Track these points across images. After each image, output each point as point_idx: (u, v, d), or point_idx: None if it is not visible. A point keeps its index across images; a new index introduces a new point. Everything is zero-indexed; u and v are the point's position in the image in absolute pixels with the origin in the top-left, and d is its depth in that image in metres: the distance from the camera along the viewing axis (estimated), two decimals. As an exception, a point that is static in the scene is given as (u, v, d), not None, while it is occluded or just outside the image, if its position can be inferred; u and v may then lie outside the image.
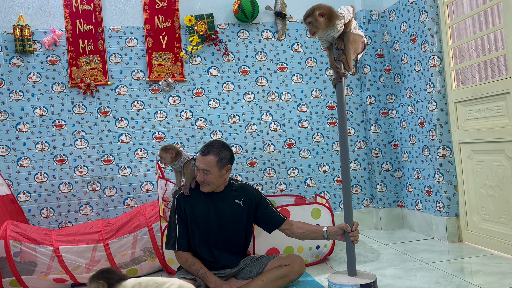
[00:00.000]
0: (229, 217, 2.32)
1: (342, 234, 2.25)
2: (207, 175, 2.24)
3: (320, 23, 2.14)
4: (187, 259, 2.25)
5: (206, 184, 2.27)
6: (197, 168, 2.26)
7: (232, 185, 2.41)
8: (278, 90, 3.72)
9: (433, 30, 3.15)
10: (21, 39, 3.28)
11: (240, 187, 2.43)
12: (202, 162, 2.23)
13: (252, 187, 2.48)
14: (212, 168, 2.23)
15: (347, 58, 2.23)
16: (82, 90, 3.40)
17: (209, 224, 2.30)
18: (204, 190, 2.29)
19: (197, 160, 2.28)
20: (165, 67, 3.52)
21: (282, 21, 3.71)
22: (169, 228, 2.34)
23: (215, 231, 2.31)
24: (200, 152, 2.28)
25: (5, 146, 3.31)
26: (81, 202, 3.39)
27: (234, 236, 2.36)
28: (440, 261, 2.70)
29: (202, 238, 2.30)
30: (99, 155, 3.44)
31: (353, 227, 2.22)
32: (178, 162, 2.47)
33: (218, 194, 2.36)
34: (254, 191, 2.44)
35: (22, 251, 2.64)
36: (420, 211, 3.43)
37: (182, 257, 2.27)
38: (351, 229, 2.22)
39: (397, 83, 3.66)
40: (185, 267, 2.26)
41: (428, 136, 3.24)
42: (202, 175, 2.25)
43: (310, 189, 3.72)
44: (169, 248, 2.30)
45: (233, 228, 2.34)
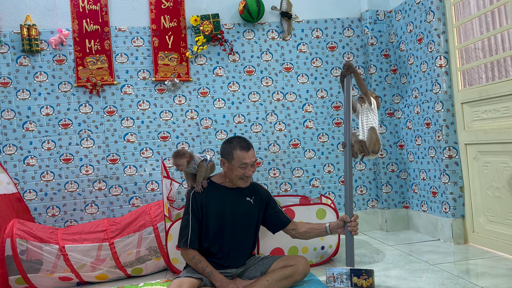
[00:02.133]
0: (241, 214, 2.35)
1: (343, 227, 2.31)
2: (254, 167, 2.32)
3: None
4: (193, 256, 2.24)
5: (250, 177, 2.33)
6: (247, 165, 2.27)
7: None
8: (284, 90, 3.72)
9: (440, 30, 3.14)
10: (28, 38, 3.31)
11: (252, 185, 2.46)
12: (252, 156, 2.28)
13: (262, 187, 2.52)
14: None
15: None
16: (88, 89, 3.42)
17: (222, 220, 2.31)
18: (247, 184, 2.33)
19: (243, 157, 2.25)
20: (171, 67, 3.53)
21: (287, 21, 3.71)
22: (182, 226, 2.31)
23: (228, 228, 2.31)
24: (243, 148, 2.27)
25: (12, 145, 3.33)
26: (87, 201, 3.41)
27: (244, 233, 2.37)
28: (446, 262, 2.69)
29: (215, 234, 2.30)
30: (105, 154, 3.45)
31: (352, 218, 2.29)
32: (192, 164, 2.48)
33: (232, 191, 2.37)
34: (264, 190, 2.49)
35: (28, 249, 2.65)
36: (425, 212, 3.42)
37: (189, 254, 2.25)
38: (350, 220, 2.28)
39: (403, 83, 3.65)
40: (191, 265, 2.26)
41: (434, 137, 3.22)
42: (252, 169, 2.31)
43: (315, 189, 3.71)
44: (181, 245, 2.26)
45: (244, 226, 2.35)
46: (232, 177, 2.32)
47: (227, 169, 2.32)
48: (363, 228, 3.73)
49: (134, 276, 2.84)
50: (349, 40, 3.80)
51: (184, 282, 2.08)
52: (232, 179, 2.33)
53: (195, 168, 2.47)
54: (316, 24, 3.77)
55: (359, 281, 2.20)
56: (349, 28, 3.80)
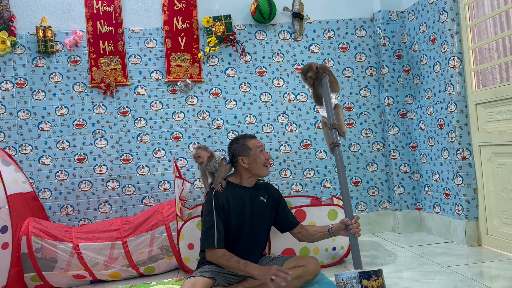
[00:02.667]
0: (258, 213, 2.36)
1: (345, 229, 2.26)
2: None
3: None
4: (224, 254, 2.19)
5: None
6: (263, 148, 2.39)
7: (257, 183, 2.46)
8: (295, 91, 3.72)
9: (453, 30, 3.11)
10: (44, 40, 3.36)
11: (264, 185, 2.49)
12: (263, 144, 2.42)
13: (274, 186, 2.55)
14: None
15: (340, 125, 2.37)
16: (102, 90, 3.46)
17: (242, 220, 2.32)
18: (269, 171, 2.41)
19: (257, 142, 2.38)
20: (183, 68, 3.56)
21: (299, 21, 3.71)
22: (207, 227, 2.24)
23: (246, 228, 2.32)
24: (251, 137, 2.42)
25: (28, 144, 3.39)
26: (100, 200, 3.45)
27: (260, 233, 2.38)
28: (459, 265, 2.66)
29: (234, 234, 2.30)
30: (118, 154, 3.49)
31: (353, 220, 2.21)
32: (213, 162, 2.45)
33: (249, 190, 2.39)
34: (276, 190, 2.52)
35: (43, 247, 2.70)
36: (438, 214, 3.39)
37: (218, 253, 2.18)
38: (351, 222, 2.21)
39: (416, 84, 3.62)
40: (221, 262, 2.18)
41: (448, 138, 3.20)
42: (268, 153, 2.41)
43: (326, 190, 3.70)
44: (208, 246, 2.20)
45: (260, 225, 2.37)
46: (257, 168, 2.34)
47: (249, 163, 2.34)
48: (374, 230, 3.71)
49: (146, 275, 2.87)
50: (361, 41, 3.79)
51: (198, 282, 2.08)
52: (257, 171, 2.35)
53: (215, 166, 2.44)
54: (328, 24, 3.77)
55: (369, 283, 2.17)
56: (361, 28, 3.79)
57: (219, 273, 2.23)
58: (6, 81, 3.38)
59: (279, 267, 2.13)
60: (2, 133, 3.36)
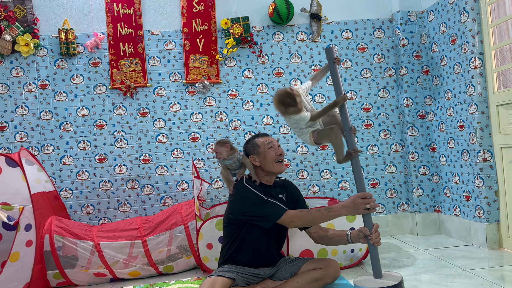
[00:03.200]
0: None
1: (364, 237, 2.18)
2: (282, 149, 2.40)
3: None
4: (300, 210, 2.20)
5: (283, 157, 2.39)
6: (274, 144, 2.37)
7: (275, 181, 2.47)
8: (312, 92, 3.72)
9: (474, 31, 3.07)
10: (66, 42, 3.43)
11: (282, 182, 2.50)
12: (273, 139, 2.42)
13: (292, 183, 2.54)
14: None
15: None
16: (122, 91, 3.52)
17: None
18: (283, 167, 2.38)
19: (266, 140, 2.39)
20: (202, 69, 3.59)
21: (317, 22, 3.71)
22: (262, 205, 2.21)
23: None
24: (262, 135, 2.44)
25: (50, 144, 3.47)
26: (120, 200, 3.51)
27: (280, 229, 2.38)
28: (480, 268, 2.63)
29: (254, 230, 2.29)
30: (138, 154, 3.54)
31: (372, 230, 2.13)
32: (235, 156, 2.42)
33: (269, 187, 2.40)
34: (294, 186, 2.52)
35: (64, 245, 2.76)
36: (458, 217, 3.35)
37: (292, 214, 2.19)
38: (370, 232, 2.13)
39: (435, 85, 3.59)
40: (301, 218, 2.18)
41: (468, 140, 3.16)
42: (280, 150, 2.39)
43: (343, 191, 3.69)
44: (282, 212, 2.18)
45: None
46: (268, 165, 2.34)
47: (260, 161, 2.35)
48: (393, 232, 3.68)
49: (165, 274, 2.91)
50: (379, 41, 3.77)
51: (217, 282, 2.09)
52: (270, 168, 2.35)
53: (239, 160, 2.41)
54: (346, 25, 3.76)
55: None
56: (380, 29, 3.77)
57: (239, 273, 2.24)
58: (30, 83, 3.46)
59: (361, 194, 2.10)
60: (26, 133, 3.44)
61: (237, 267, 2.27)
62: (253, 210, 2.24)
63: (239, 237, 2.31)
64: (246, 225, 2.29)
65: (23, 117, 3.44)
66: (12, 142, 3.43)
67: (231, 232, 2.34)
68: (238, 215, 2.29)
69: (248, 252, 2.30)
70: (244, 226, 2.30)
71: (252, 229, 2.28)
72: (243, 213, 2.27)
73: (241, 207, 2.28)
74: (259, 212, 2.23)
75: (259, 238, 2.30)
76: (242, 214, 2.28)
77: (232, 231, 2.34)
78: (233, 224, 2.33)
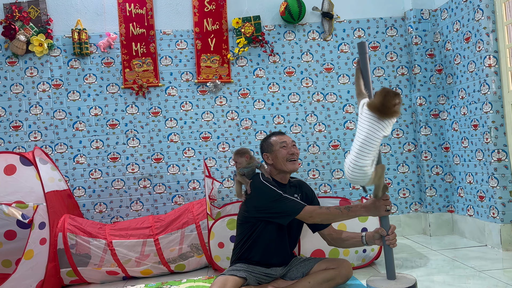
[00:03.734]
0: None
1: (380, 238, 2.17)
2: (296, 148, 2.41)
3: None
4: (319, 207, 2.19)
5: (297, 158, 2.39)
6: (287, 144, 2.38)
7: (290, 181, 2.47)
8: (324, 91, 3.70)
9: (489, 29, 3.03)
10: (79, 42, 3.47)
11: (297, 182, 2.50)
12: (288, 138, 2.43)
13: (307, 184, 2.54)
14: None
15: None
16: (134, 91, 3.54)
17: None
18: (296, 166, 2.38)
19: (280, 139, 2.40)
20: (213, 68, 3.60)
21: (329, 21, 3.69)
22: (281, 201, 2.21)
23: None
24: (277, 134, 2.46)
25: (63, 144, 3.51)
26: (132, 198, 3.53)
27: (294, 229, 2.38)
28: (494, 269, 2.59)
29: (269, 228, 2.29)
30: (150, 153, 3.56)
31: (389, 231, 2.12)
32: (254, 165, 2.40)
33: (284, 186, 2.40)
34: (309, 188, 2.52)
35: (77, 243, 2.78)
36: (472, 217, 3.30)
37: (311, 209, 2.18)
38: (387, 233, 2.12)
39: (449, 84, 3.54)
40: (320, 215, 2.17)
41: (482, 139, 3.11)
42: (295, 150, 2.39)
43: (355, 191, 3.67)
44: (301, 208, 2.17)
45: (293, 222, 2.33)
46: (279, 163, 2.35)
47: (273, 159, 2.37)
48: (405, 232, 3.65)
49: (177, 272, 2.92)
50: (392, 40, 3.73)
51: (228, 281, 2.09)
52: (281, 167, 2.35)
53: (257, 167, 2.40)
54: (358, 24, 3.73)
55: None
56: (392, 27, 3.74)
57: (251, 273, 2.24)
58: (43, 82, 3.50)
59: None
60: (39, 132, 3.48)
61: (249, 266, 2.27)
62: (272, 206, 2.23)
63: (253, 236, 2.30)
64: (261, 223, 2.28)
65: (37, 117, 3.49)
66: (26, 141, 3.47)
67: (245, 230, 2.33)
68: (255, 213, 2.29)
69: (262, 250, 2.29)
70: (259, 224, 2.29)
71: (266, 227, 2.28)
72: (261, 209, 2.26)
73: (259, 203, 2.27)
74: (277, 208, 2.22)
75: (273, 237, 2.29)
76: (259, 211, 2.27)
77: (246, 229, 2.33)
78: (248, 223, 2.33)
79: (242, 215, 2.38)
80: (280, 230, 2.30)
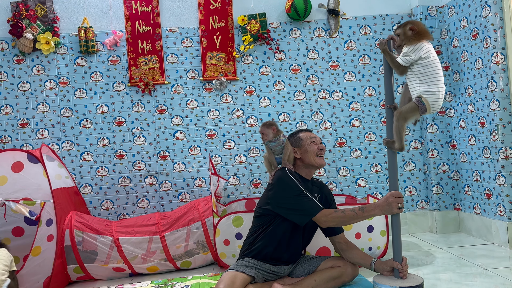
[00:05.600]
0: None
1: (391, 270, 2.18)
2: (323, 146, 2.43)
3: (406, 37, 2.11)
4: (335, 210, 2.18)
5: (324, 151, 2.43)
6: (316, 140, 2.41)
7: (313, 180, 2.48)
8: (330, 88, 3.69)
9: (497, 25, 3.00)
10: (85, 40, 3.48)
11: (320, 183, 2.50)
12: (316, 136, 2.45)
13: (328, 187, 2.54)
14: None
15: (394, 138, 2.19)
16: (140, 88, 3.55)
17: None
18: (323, 161, 2.41)
19: (309, 135, 2.42)
20: (218, 66, 3.60)
21: (335, 18, 3.68)
22: (301, 198, 2.21)
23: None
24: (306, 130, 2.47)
25: (70, 141, 3.53)
26: (139, 195, 3.55)
27: (308, 231, 2.38)
28: (501, 267, 2.57)
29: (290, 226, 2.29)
30: (156, 151, 3.58)
31: (402, 263, 2.15)
32: (280, 139, 2.43)
33: (308, 182, 2.40)
34: (330, 192, 2.51)
35: (84, 240, 2.80)
36: (478, 215, 3.28)
37: (327, 213, 2.18)
38: (401, 266, 2.14)
39: (456, 81, 3.52)
40: (335, 218, 2.16)
41: (489, 137, 3.09)
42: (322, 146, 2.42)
43: (361, 189, 3.66)
44: (318, 210, 2.18)
45: (309, 224, 2.32)
46: (308, 157, 2.36)
47: (301, 154, 2.38)
48: (411, 230, 3.64)
49: (183, 269, 2.93)
50: (398, 37, 3.70)
51: (237, 278, 2.09)
52: (310, 161, 2.36)
53: (283, 142, 2.42)
54: (364, 20, 3.71)
55: None
56: (399, 24, 3.71)
57: (259, 270, 2.24)
58: (50, 80, 3.53)
59: (394, 192, 2.11)
60: (46, 130, 3.51)
61: (258, 262, 2.26)
62: (292, 201, 2.22)
63: (268, 229, 2.28)
64: (279, 219, 2.27)
65: (44, 114, 3.51)
66: (34, 139, 3.50)
67: (262, 223, 2.31)
68: (275, 207, 2.26)
69: (275, 245, 2.27)
70: (276, 219, 2.27)
71: (283, 223, 2.26)
72: (281, 203, 2.25)
73: (281, 196, 2.26)
74: (297, 205, 2.22)
75: (288, 234, 2.28)
76: (279, 205, 2.25)
77: (263, 222, 2.31)
78: (266, 216, 2.30)
79: (262, 207, 2.34)
80: (296, 229, 2.29)
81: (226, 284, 2.05)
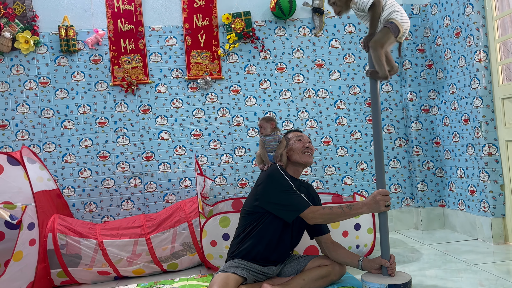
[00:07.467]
0: None
1: (379, 268, 2.20)
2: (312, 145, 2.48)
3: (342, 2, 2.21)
4: (323, 207, 2.19)
5: (311, 153, 2.46)
6: (303, 138, 2.45)
7: (300, 180, 2.49)
8: (315, 87, 3.69)
9: (479, 23, 3.04)
10: (66, 39, 3.41)
11: (307, 185, 2.52)
12: (305, 135, 2.50)
13: (315, 189, 2.57)
14: None
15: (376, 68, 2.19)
16: (123, 88, 3.49)
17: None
18: (311, 159, 2.45)
19: (297, 134, 2.48)
20: (203, 65, 3.56)
21: (319, 17, 3.67)
22: (290, 194, 2.22)
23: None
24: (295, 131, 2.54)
25: (51, 142, 3.45)
26: (123, 197, 3.49)
27: (297, 230, 2.37)
28: (485, 263, 2.61)
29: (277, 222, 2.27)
30: (140, 151, 3.52)
31: (390, 261, 2.17)
32: (277, 134, 2.45)
33: (296, 181, 2.40)
34: (316, 194, 2.53)
35: (67, 243, 2.74)
36: (463, 211, 3.33)
37: (315, 209, 2.18)
38: (389, 264, 2.17)
39: (439, 79, 3.56)
40: (323, 215, 2.16)
41: (473, 134, 3.13)
42: (309, 144, 2.45)
43: (347, 187, 3.67)
44: (306, 206, 2.18)
45: (298, 223, 2.33)
46: (295, 155, 2.40)
47: (288, 152, 2.41)
48: (397, 227, 3.67)
49: (169, 271, 2.89)
50: (382, 35, 3.72)
51: (230, 279, 2.07)
52: (296, 159, 2.40)
53: (279, 138, 2.43)
54: (349, 19, 3.72)
55: None
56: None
57: (249, 271, 2.22)
58: (30, 80, 3.44)
59: (381, 190, 2.14)
60: (27, 131, 3.42)
61: (248, 263, 2.24)
62: (281, 197, 2.22)
63: (256, 229, 2.26)
64: (268, 217, 2.25)
65: (24, 115, 3.42)
66: (14, 141, 3.41)
67: (249, 222, 2.30)
68: (263, 202, 2.25)
69: (264, 244, 2.25)
70: (264, 217, 2.25)
71: (273, 222, 2.25)
72: (270, 198, 2.24)
73: (270, 190, 2.25)
74: (285, 200, 2.21)
75: (278, 233, 2.26)
76: (268, 200, 2.24)
77: (252, 221, 2.29)
78: (255, 214, 2.28)
79: (250, 204, 2.32)
80: (285, 228, 2.28)
81: (219, 285, 2.02)
